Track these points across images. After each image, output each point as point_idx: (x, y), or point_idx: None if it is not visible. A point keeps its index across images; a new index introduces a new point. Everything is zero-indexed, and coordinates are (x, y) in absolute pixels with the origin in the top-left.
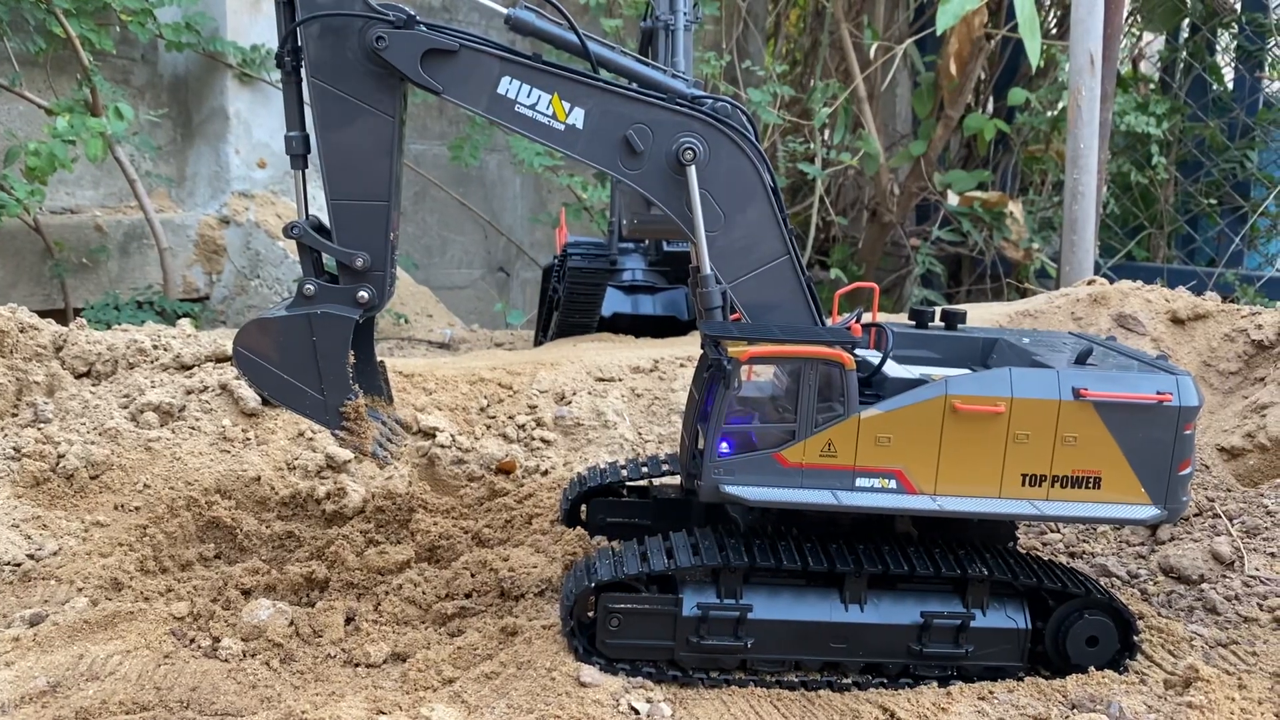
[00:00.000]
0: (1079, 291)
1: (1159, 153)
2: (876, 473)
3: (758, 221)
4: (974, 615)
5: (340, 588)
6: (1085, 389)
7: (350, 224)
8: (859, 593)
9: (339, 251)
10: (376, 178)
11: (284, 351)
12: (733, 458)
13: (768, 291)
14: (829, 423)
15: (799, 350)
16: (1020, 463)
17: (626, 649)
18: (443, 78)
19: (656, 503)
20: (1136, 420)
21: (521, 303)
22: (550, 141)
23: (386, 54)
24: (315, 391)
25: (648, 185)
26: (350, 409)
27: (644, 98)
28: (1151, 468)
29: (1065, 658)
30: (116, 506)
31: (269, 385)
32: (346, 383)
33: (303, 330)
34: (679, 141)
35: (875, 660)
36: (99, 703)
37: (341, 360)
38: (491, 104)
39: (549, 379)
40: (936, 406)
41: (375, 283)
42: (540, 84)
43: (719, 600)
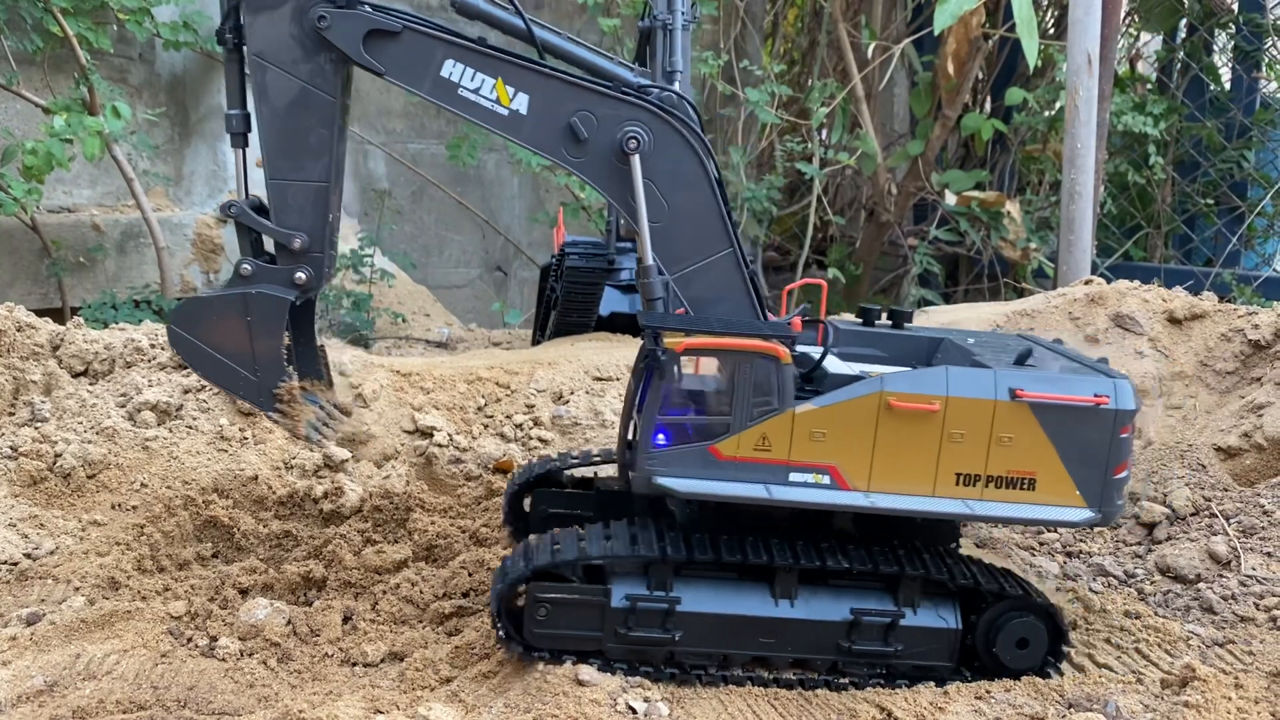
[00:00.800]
0: (1076, 291)
1: (1156, 153)
2: (810, 468)
3: (701, 213)
4: (904, 614)
5: (337, 587)
6: (1021, 389)
7: (289, 205)
8: (790, 588)
9: (277, 232)
10: (316, 158)
11: (219, 331)
12: (667, 449)
13: (710, 284)
14: (764, 416)
15: (735, 343)
16: (955, 462)
17: (554, 638)
18: (385, 59)
19: (599, 494)
20: (1072, 422)
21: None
22: (494, 127)
23: (328, 33)
24: (249, 373)
25: (591, 174)
26: (284, 391)
27: (589, 85)
28: (1087, 470)
29: (995, 659)
30: (114, 506)
31: (203, 365)
32: (281, 364)
33: (238, 310)
34: (623, 130)
35: (803, 656)
36: (96, 702)
37: (276, 341)
38: (435, 87)
39: (547, 378)
40: (871, 403)
41: (313, 264)
42: (484, 68)
43: (648, 592)
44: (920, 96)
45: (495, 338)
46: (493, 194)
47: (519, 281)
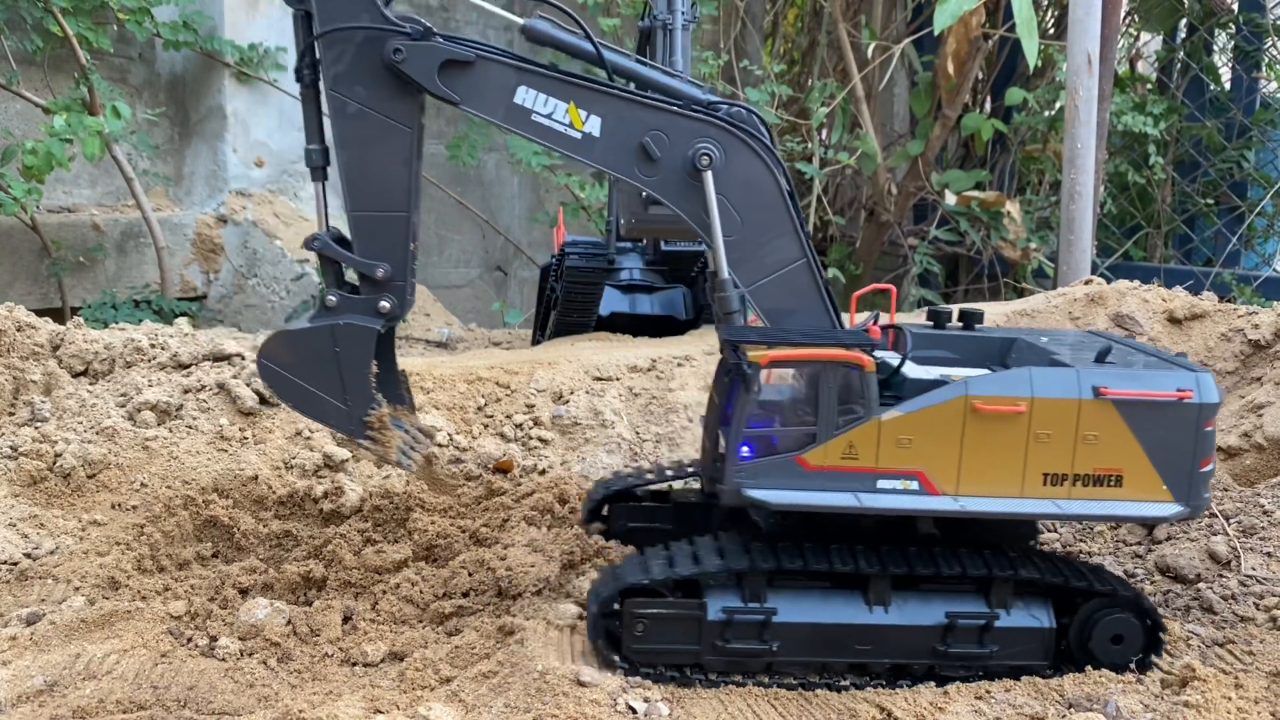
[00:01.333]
0: (1076, 291)
1: (1156, 153)
2: (898, 474)
3: (774, 225)
4: (998, 615)
5: (337, 587)
6: (1105, 387)
7: (371, 235)
8: (883, 594)
9: (360, 263)
10: (396, 189)
11: (308, 363)
12: (754, 461)
13: (786, 295)
14: (849, 425)
15: (818, 353)
16: (1041, 462)
17: (652, 654)
18: (460, 88)
19: (677, 507)
20: (1157, 418)
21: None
22: (567, 150)
23: (404, 66)
24: (339, 402)
25: (665, 191)
26: (375, 418)
27: (659, 104)
28: (1173, 465)
29: (1090, 656)
30: (114, 505)
31: (293, 397)
32: (370, 392)
33: (326, 341)
34: (695, 147)
35: (901, 662)
36: (96, 702)
37: (365, 370)
38: (509, 114)
39: (546, 378)
40: (957, 407)
41: (396, 292)
42: (557, 93)
43: (743, 604)
44: (920, 96)
45: (495, 337)
46: (493, 194)
47: (519, 281)
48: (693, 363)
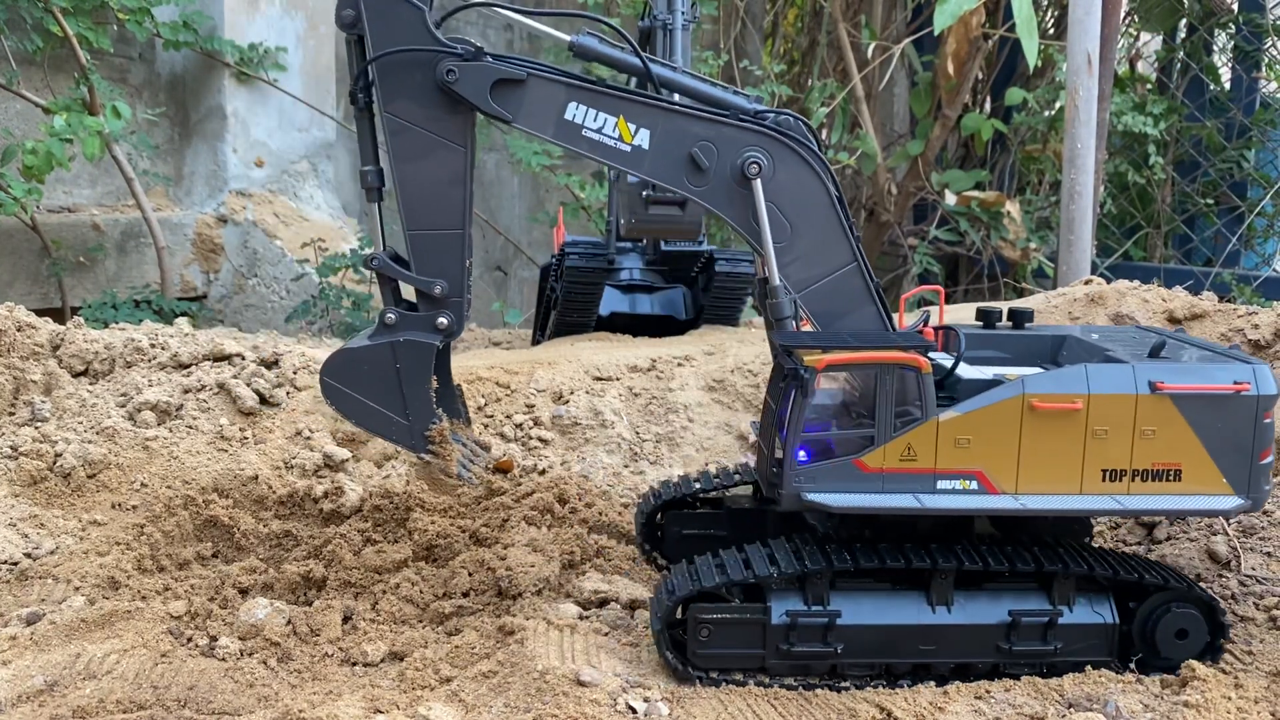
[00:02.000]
0: (1076, 291)
1: (1156, 153)
2: (957, 474)
3: (824, 230)
4: (1061, 612)
5: (337, 587)
6: (1161, 382)
7: (427, 253)
8: (946, 594)
9: (419, 280)
10: (451, 207)
11: (369, 380)
12: (812, 465)
13: (838, 299)
14: (907, 427)
15: (875, 356)
16: (1100, 458)
17: (717, 658)
18: (511, 106)
19: (730, 513)
20: (1214, 411)
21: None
22: (618, 163)
23: (457, 86)
24: (400, 417)
25: (714, 201)
26: (435, 433)
27: (706, 115)
28: (1232, 457)
29: (1155, 651)
30: (114, 505)
31: (355, 413)
32: (430, 407)
33: (387, 358)
34: (743, 156)
35: (965, 661)
36: (96, 702)
37: (425, 385)
38: (559, 130)
39: (546, 378)
40: (1014, 406)
41: (454, 309)
42: (606, 108)
43: (806, 607)
44: (920, 96)
45: (495, 337)
46: (493, 194)
47: (519, 281)
48: (693, 362)
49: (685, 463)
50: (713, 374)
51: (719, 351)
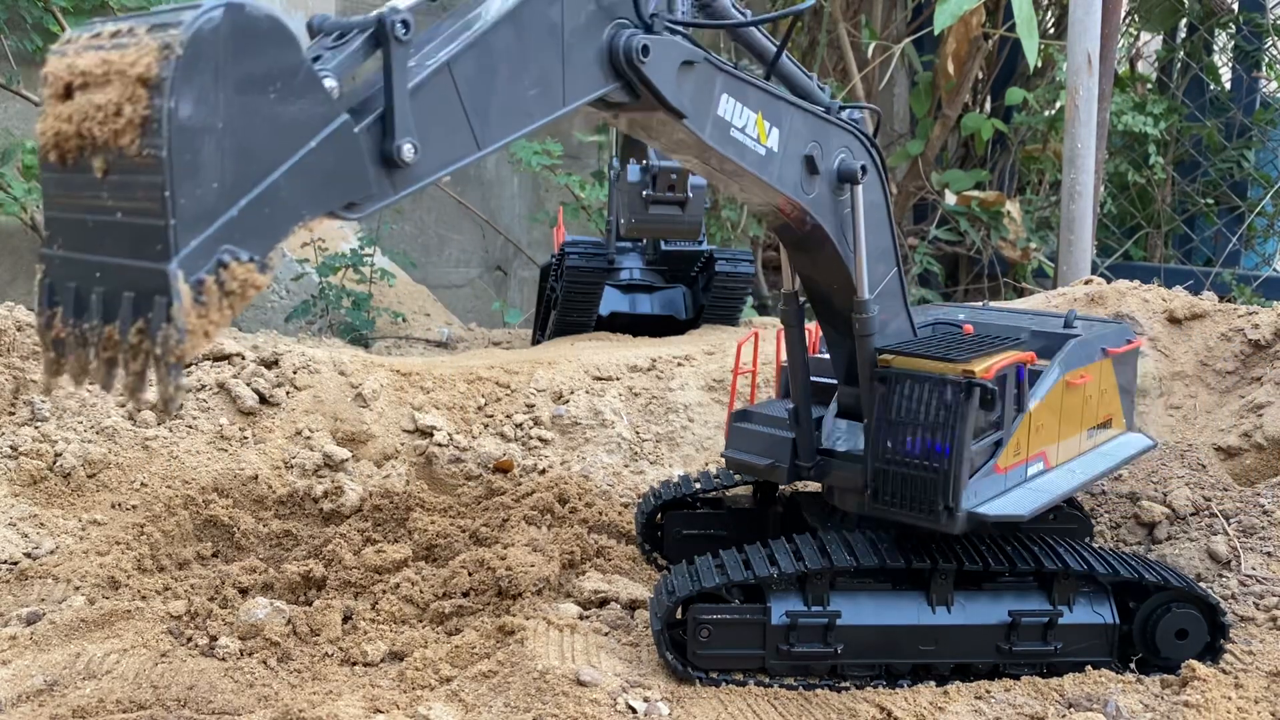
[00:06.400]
0: (1076, 291)
1: (1156, 152)
2: (1037, 459)
3: (883, 234)
4: (1061, 612)
5: (337, 586)
6: (1111, 348)
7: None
8: (946, 594)
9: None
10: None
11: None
12: (973, 479)
13: (887, 305)
14: (1016, 422)
15: (1015, 356)
16: (1088, 419)
17: (717, 659)
18: (685, 99)
19: (730, 513)
20: (1123, 365)
21: (519, 301)
22: (750, 167)
23: (649, 70)
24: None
25: (820, 209)
26: None
27: (814, 111)
28: (1126, 402)
29: (1155, 651)
30: (114, 505)
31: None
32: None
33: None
34: (840, 157)
35: (964, 661)
36: (96, 701)
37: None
38: (714, 129)
39: (546, 378)
40: (1060, 386)
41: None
42: (749, 102)
43: (807, 608)
44: (920, 96)
45: (495, 337)
46: (493, 193)
47: (519, 281)
48: (693, 362)
49: (685, 462)
50: (713, 374)
51: (719, 351)
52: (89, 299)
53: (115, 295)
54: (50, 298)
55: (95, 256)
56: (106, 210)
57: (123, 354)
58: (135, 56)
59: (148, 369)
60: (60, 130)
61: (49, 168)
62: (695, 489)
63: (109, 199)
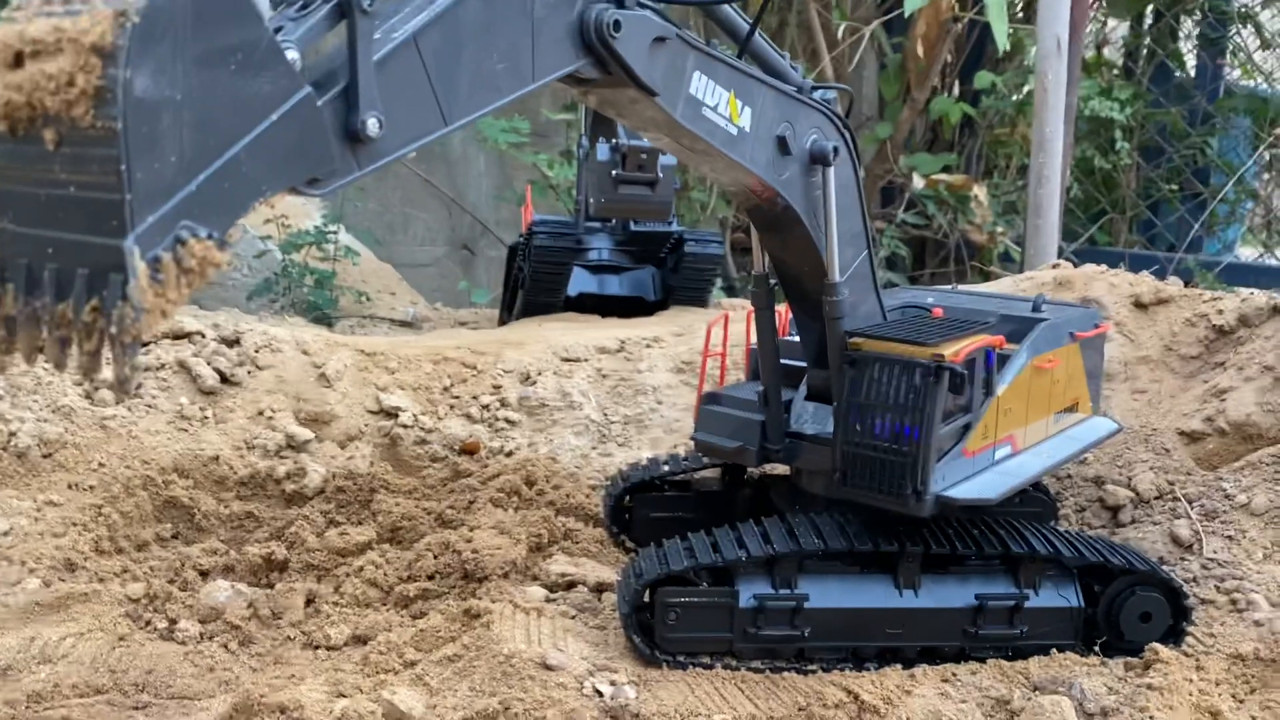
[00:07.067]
0: (1044, 275)
1: (1122, 138)
2: (1004, 443)
3: (854, 216)
4: (1027, 595)
5: (300, 569)
6: (1079, 331)
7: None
8: (913, 577)
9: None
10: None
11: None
12: (941, 462)
13: (857, 288)
14: (984, 405)
15: (985, 340)
16: (1056, 402)
17: (685, 642)
18: (656, 75)
19: (699, 496)
20: (1091, 348)
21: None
22: (722, 147)
23: (620, 45)
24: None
25: (791, 188)
26: None
27: (786, 91)
28: (1094, 385)
29: (1119, 634)
30: (70, 485)
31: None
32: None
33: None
34: (811, 138)
35: (931, 644)
36: (52, 686)
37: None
38: (686, 108)
39: (514, 359)
40: (1028, 370)
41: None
42: (722, 80)
43: (775, 591)
44: (889, 79)
45: (461, 317)
46: (459, 171)
47: (486, 260)
48: (661, 344)
49: (653, 445)
50: (681, 356)
51: (688, 333)
52: (41, 276)
53: (69, 272)
54: (1, 274)
55: (48, 232)
56: (59, 184)
57: (76, 333)
58: (89, 24)
59: (102, 348)
60: (10, 100)
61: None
62: (663, 472)
63: (62, 172)
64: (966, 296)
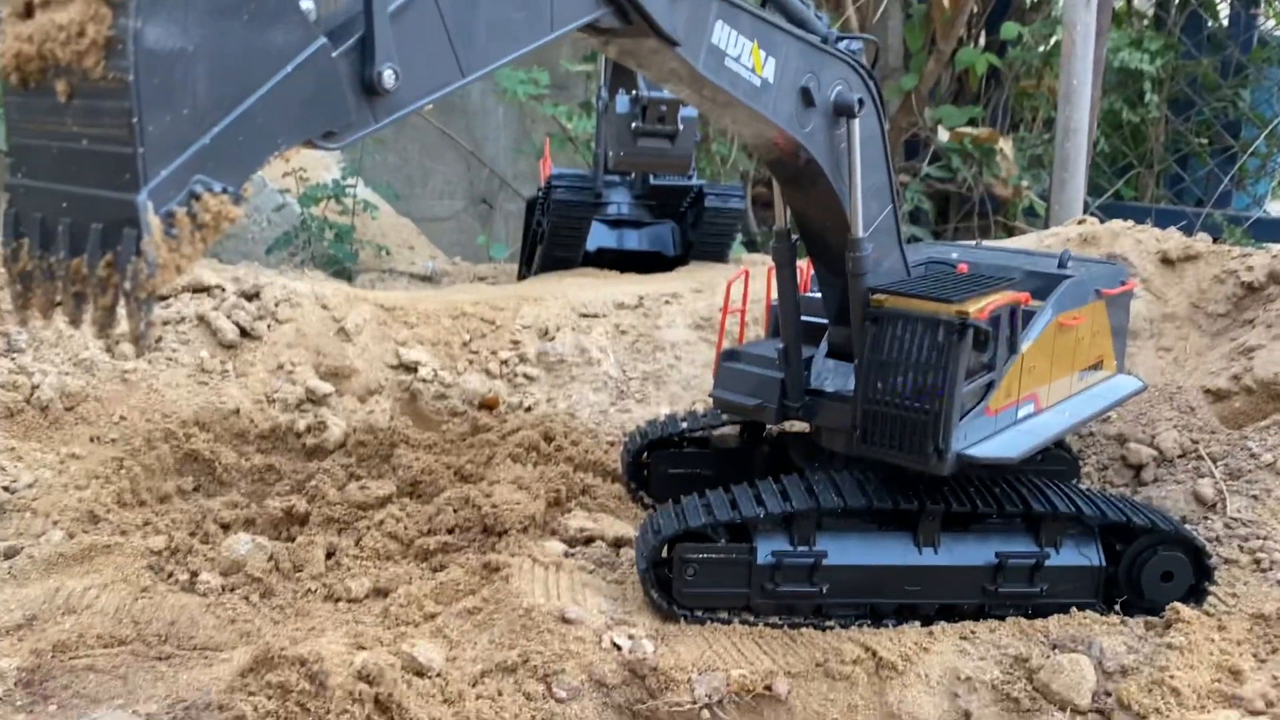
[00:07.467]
0: (1069, 231)
1: (1151, 90)
2: (1027, 400)
3: (879, 170)
4: (1048, 554)
5: (320, 522)
6: (1105, 289)
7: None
8: (933, 535)
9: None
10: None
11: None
12: (964, 421)
13: (881, 243)
14: (1007, 364)
15: (1011, 297)
16: (1080, 360)
17: (702, 597)
18: (679, 25)
19: (717, 453)
20: (1117, 306)
21: (505, 236)
22: (746, 99)
23: None
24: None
25: (814, 141)
26: None
27: (811, 42)
28: (1119, 343)
29: (1140, 594)
30: (92, 439)
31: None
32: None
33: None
34: (836, 89)
35: (949, 602)
36: (76, 636)
37: None
38: (708, 58)
39: (532, 314)
40: (1052, 328)
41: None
42: (745, 30)
43: (793, 548)
44: (915, 29)
45: (480, 272)
46: (477, 124)
47: (504, 214)
48: (680, 300)
49: (672, 401)
50: (700, 312)
51: (707, 289)
52: (56, 230)
53: (83, 227)
54: (16, 229)
55: (61, 186)
56: (72, 137)
57: (91, 288)
58: None
59: (118, 304)
60: (21, 51)
61: (11, 91)
62: (682, 428)
63: (74, 125)
64: (991, 252)
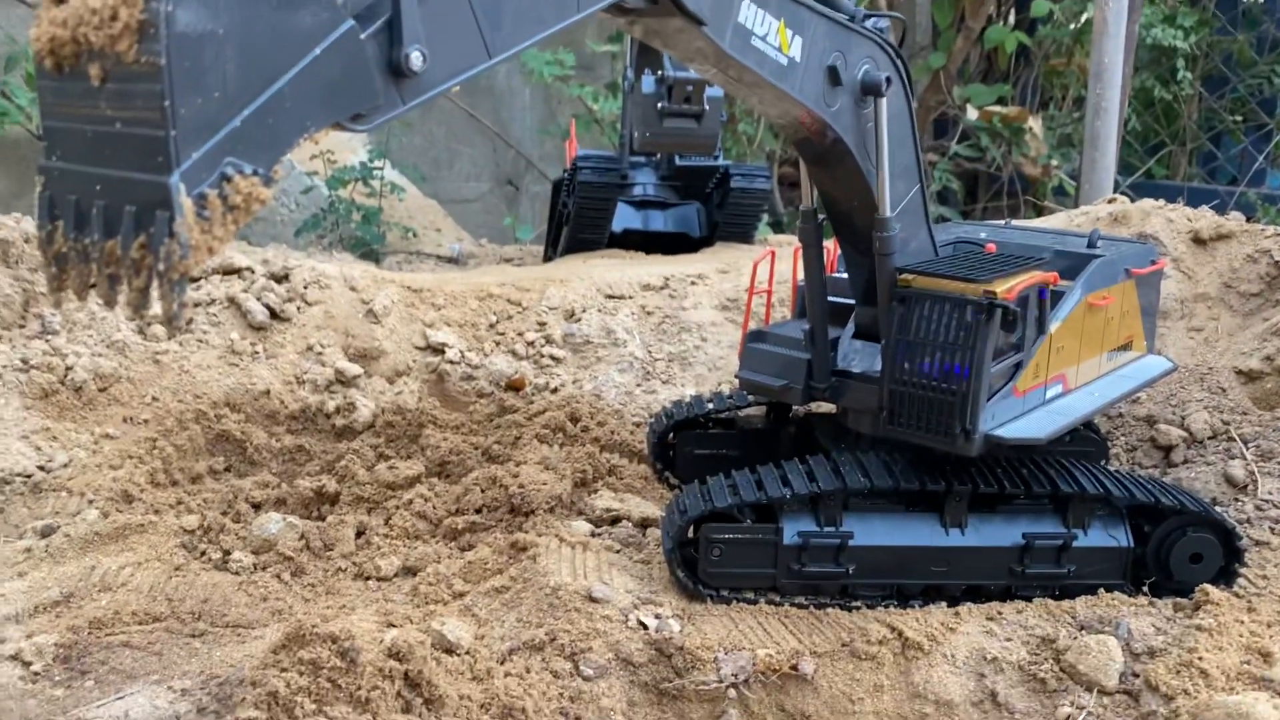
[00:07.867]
0: (1099, 210)
1: (1185, 67)
2: (1056, 381)
3: (906, 149)
4: (1076, 535)
5: (350, 502)
6: (1134, 268)
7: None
8: (960, 516)
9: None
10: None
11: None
12: (991, 401)
13: (909, 223)
14: (1035, 344)
15: (1038, 277)
16: (1109, 340)
17: (728, 577)
18: (704, 3)
19: (743, 434)
20: (1147, 285)
21: (531, 217)
22: (773, 79)
23: None
24: None
25: (841, 120)
26: None
27: (836, 18)
28: (1148, 323)
29: (1169, 575)
30: (125, 419)
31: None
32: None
33: None
34: (863, 68)
35: (976, 583)
36: (112, 613)
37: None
38: (734, 37)
39: (558, 296)
40: (1081, 308)
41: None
42: (771, 8)
43: (819, 528)
44: (943, 7)
45: (506, 254)
46: (504, 105)
47: (530, 196)
48: (706, 281)
49: (697, 382)
50: (726, 293)
51: (733, 270)
52: (90, 213)
53: (116, 209)
54: (51, 211)
55: (95, 168)
56: (105, 120)
57: (125, 270)
58: None
59: (151, 285)
60: (55, 35)
61: (45, 75)
62: (708, 409)
63: (107, 108)
64: (1020, 232)
